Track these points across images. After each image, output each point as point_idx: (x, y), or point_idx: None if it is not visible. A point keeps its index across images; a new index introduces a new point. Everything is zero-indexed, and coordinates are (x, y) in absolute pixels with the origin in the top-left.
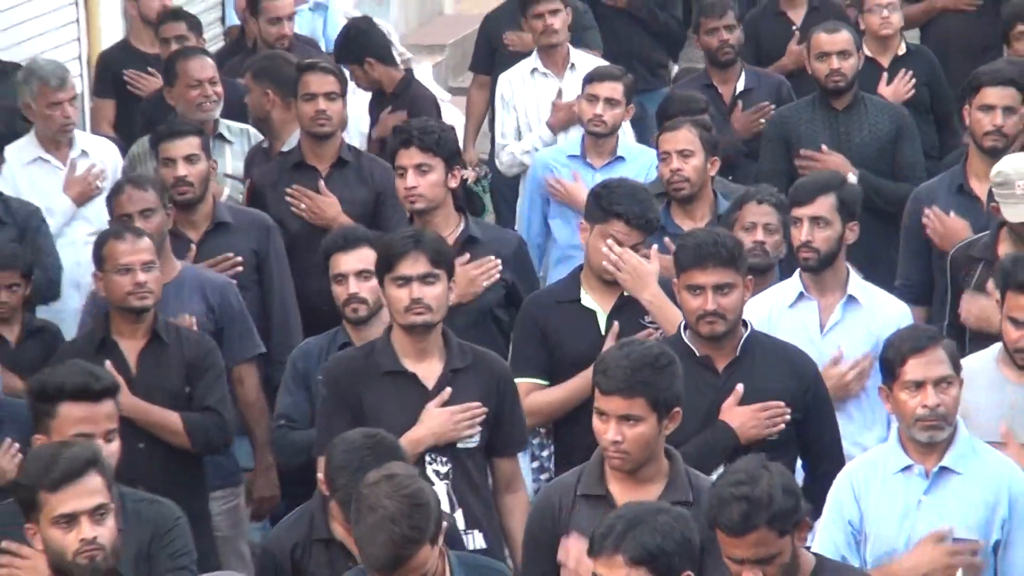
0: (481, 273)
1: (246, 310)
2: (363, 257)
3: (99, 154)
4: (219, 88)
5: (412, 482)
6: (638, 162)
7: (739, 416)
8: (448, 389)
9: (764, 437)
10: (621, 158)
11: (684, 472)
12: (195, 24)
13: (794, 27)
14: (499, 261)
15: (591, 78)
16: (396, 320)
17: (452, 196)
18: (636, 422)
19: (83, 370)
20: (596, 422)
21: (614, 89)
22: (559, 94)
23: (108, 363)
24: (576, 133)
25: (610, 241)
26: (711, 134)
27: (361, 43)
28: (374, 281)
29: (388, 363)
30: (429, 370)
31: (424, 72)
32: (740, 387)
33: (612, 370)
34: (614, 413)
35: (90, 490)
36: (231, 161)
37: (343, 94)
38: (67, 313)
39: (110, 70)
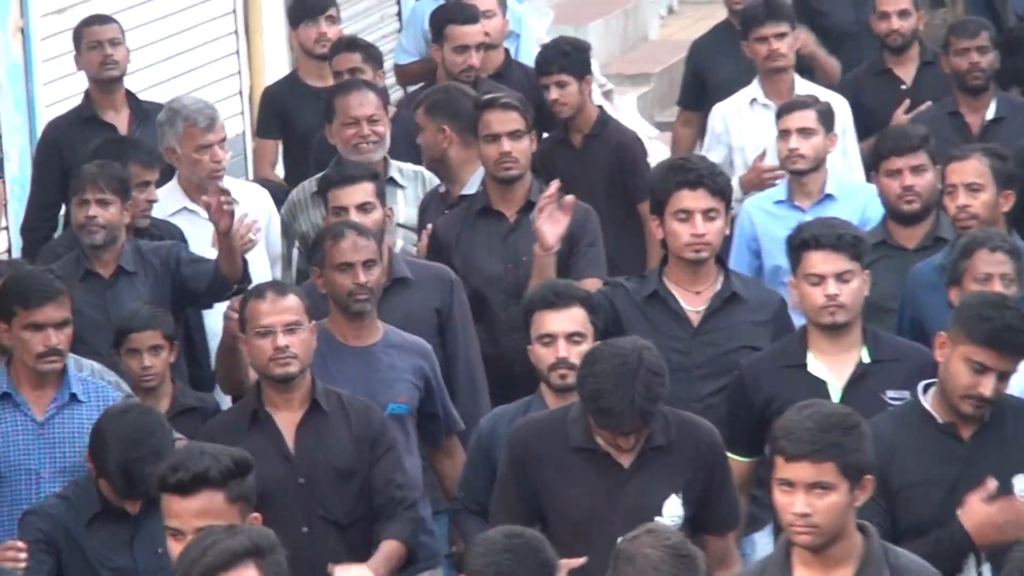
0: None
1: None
2: (575, 318)
3: (250, 202)
4: (380, 127)
5: (676, 536)
6: (852, 201)
7: (977, 516)
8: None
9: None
10: (830, 196)
11: (880, 550)
12: (372, 55)
13: (903, 86)
14: None
15: (779, 113)
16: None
17: None
18: (826, 490)
19: (177, 457)
20: (778, 495)
21: (805, 117)
22: (762, 155)
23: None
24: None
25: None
26: (1005, 164)
27: (586, 59)
28: (585, 345)
29: (579, 438)
30: (626, 446)
31: (628, 105)
32: (992, 484)
33: (798, 432)
34: (802, 481)
35: None
36: (404, 208)
37: (530, 130)
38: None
39: (275, 108)
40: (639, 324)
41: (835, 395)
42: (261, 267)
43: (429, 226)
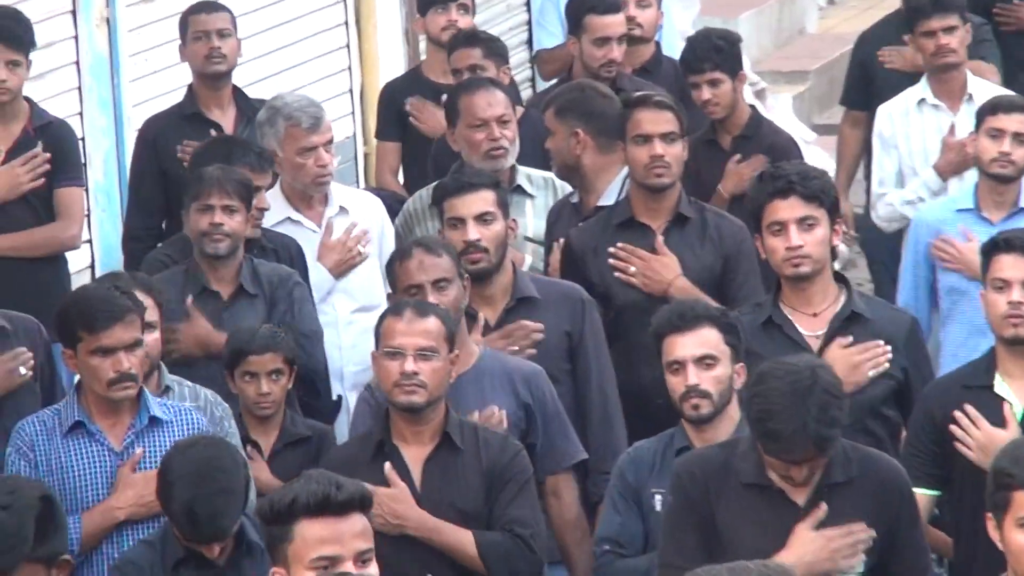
0: (867, 359)
1: (561, 405)
2: (705, 340)
3: (361, 211)
4: (510, 130)
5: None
6: None
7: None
8: (823, 507)
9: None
10: (1023, 210)
11: None
12: (495, 50)
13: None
14: (888, 347)
15: (994, 108)
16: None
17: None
18: None
19: (322, 478)
20: (1018, 537)
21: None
22: (951, 130)
23: (388, 466)
24: (970, 180)
25: None
26: None
27: (739, 53)
28: (720, 369)
29: (750, 473)
30: (799, 478)
31: (782, 105)
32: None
33: None
34: None
35: None
36: (532, 220)
37: (684, 134)
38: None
39: (396, 106)
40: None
41: (1019, 414)
42: (375, 286)
43: (561, 240)
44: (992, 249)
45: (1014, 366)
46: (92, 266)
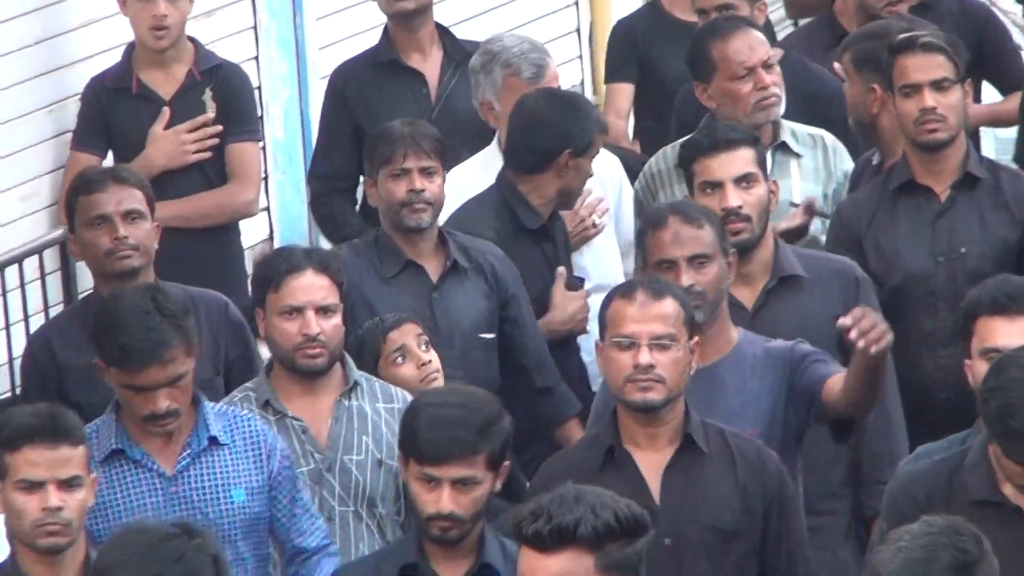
0: None
1: None
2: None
3: (596, 173)
4: (777, 75)
5: None
6: None
7: None
8: None
9: None
10: None
11: None
12: None
13: None
14: None
15: None
16: None
17: None
18: None
19: (540, 505)
20: None
21: None
22: None
23: None
24: None
25: None
26: None
27: None
28: None
29: (980, 489)
30: None
31: None
32: None
33: None
34: None
35: None
36: (798, 183)
37: (961, 79)
38: None
39: (633, 45)
40: None
41: None
42: (610, 259)
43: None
44: None
45: None
46: (271, 237)
